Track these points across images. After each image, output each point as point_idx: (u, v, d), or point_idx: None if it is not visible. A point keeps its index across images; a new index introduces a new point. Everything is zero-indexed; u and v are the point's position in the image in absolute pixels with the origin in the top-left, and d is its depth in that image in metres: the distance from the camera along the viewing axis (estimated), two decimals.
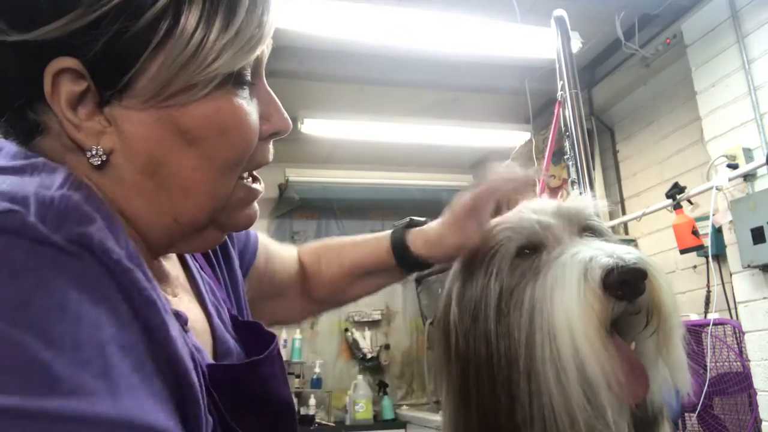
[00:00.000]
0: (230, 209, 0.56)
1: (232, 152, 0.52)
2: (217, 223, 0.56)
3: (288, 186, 4.61)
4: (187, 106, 0.49)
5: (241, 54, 0.50)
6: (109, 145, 0.49)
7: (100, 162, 0.49)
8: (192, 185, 0.51)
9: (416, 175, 4.93)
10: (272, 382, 0.60)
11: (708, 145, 2.74)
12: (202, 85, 0.49)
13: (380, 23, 2.56)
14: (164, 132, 0.49)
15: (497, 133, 3.96)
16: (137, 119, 0.49)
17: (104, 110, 0.49)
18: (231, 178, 0.54)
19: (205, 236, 0.57)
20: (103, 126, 0.49)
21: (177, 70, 0.47)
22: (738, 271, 2.53)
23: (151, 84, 0.48)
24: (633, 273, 0.56)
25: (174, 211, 0.52)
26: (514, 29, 2.66)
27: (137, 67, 0.47)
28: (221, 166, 0.52)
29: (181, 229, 0.53)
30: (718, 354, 2.58)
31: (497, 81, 3.64)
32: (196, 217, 0.53)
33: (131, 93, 0.48)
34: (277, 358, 0.63)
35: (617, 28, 2.98)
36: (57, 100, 0.47)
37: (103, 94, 0.48)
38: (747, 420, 2.48)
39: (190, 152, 0.50)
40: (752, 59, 2.54)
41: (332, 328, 4.87)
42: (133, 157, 0.50)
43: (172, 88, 0.48)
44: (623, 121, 3.77)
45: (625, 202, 3.74)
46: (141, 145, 0.49)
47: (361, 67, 3.37)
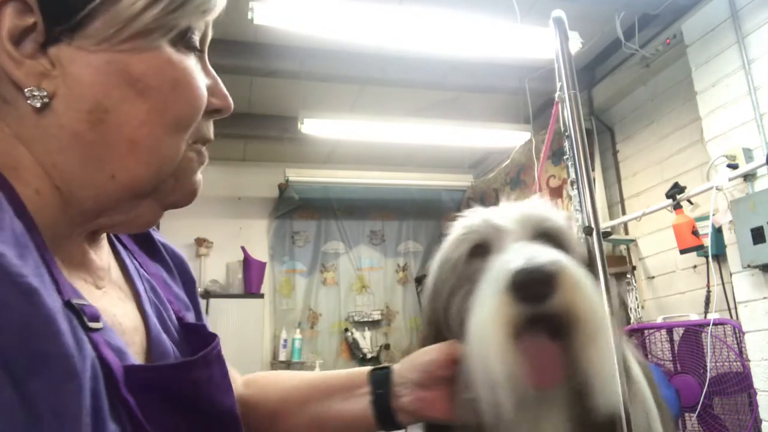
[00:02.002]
0: (174, 177, 0.52)
1: (182, 109, 0.50)
2: (158, 194, 0.51)
3: (288, 186, 4.62)
4: (141, 53, 0.47)
5: (197, 12, 0.50)
6: (51, 88, 0.45)
7: (41, 104, 0.45)
8: (139, 138, 0.47)
9: (416, 175, 4.93)
10: (208, 387, 0.55)
11: (708, 145, 2.74)
12: (160, 33, 0.47)
13: (380, 23, 2.56)
14: (115, 78, 0.46)
15: (497, 133, 3.96)
16: (86, 62, 0.45)
17: (48, 51, 0.45)
18: (179, 140, 0.50)
19: (141, 210, 0.52)
20: (46, 68, 0.45)
21: (138, 12, 0.46)
22: (738, 271, 2.53)
23: (109, 24, 0.45)
24: (533, 276, 0.58)
25: (115, 166, 0.47)
26: (514, 29, 2.66)
27: (95, 4, 0.44)
28: (170, 123, 0.49)
29: (117, 190, 0.48)
30: (718, 354, 2.58)
31: (497, 81, 3.64)
32: (140, 175, 0.49)
33: (84, 33, 0.45)
34: (216, 361, 0.58)
35: (617, 28, 2.98)
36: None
37: (51, 32, 0.44)
38: (747, 420, 2.48)
39: (140, 103, 0.47)
40: (752, 59, 2.54)
41: (332, 328, 4.87)
42: (77, 103, 0.46)
43: (129, 31, 0.46)
44: (623, 121, 3.77)
45: (625, 202, 3.74)
46: (88, 90, 0.46)
47: (361, 67, 3.37)
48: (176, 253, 0.72)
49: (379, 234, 5.21)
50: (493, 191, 4.89)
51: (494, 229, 0.70)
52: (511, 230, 0.69)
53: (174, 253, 0.71)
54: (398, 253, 5.20)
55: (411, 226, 5.26)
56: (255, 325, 4.40)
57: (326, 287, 4.97)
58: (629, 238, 3.61)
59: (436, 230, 5.31)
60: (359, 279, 5.04)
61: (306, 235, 5.02)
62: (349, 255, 5.08)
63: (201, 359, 0.55)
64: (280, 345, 4.52)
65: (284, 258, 4.91)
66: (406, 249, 5.22)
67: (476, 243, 0.71)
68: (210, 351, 0.56)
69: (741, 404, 2.55)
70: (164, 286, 0.65)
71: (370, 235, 5.19)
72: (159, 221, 0.57)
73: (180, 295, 0.68)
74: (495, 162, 4.79)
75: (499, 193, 4.82)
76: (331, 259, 5.04)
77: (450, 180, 5.14)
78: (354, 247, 5.10)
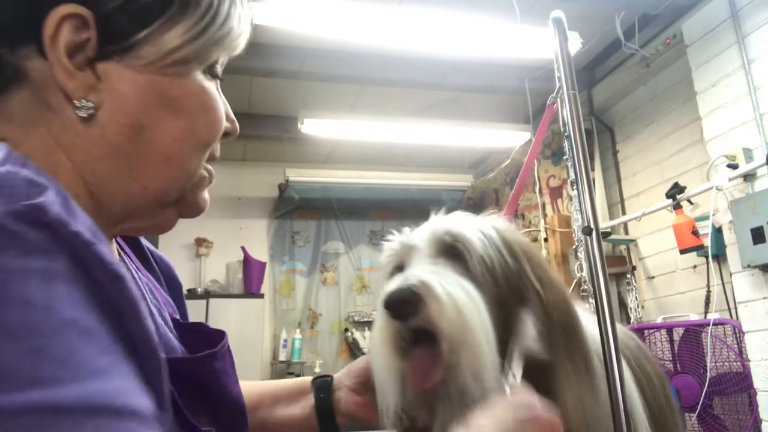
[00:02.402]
0: (194, 189, 0.57)
1: (208, 132, 0.55)
2: (180, 203, 0.56)
3: (288, 186, 4.61)
4: (179, 78, 0.52)
5: (229, 48, 0.56)
6: (98, 100, 0.49)
7: (87, 115, 0.48)
8: (172, 154, 0.52)
9: (416, 175, 4.93)
10: (223, 377, 0.59)
11: (708, 145, 2.74)
12: (197, 63, 0.53)
13: (380, 23, 2.56)
14: (155, 97, 0.51)
15: (497, 133, 3.96)
16: (132, 80, 0.50)
17: (96, 66, 0.49)
18: (201, 158, 0.56)
19: (164, 215, 0.57)
20: (93, 81, 0.49)
21: (182, 44, 0.51)
22: (738, 271, 2.53)
23: (157, 50, 0.50)
24: (399, 297, 0.67)
25: (148, 178, 0.52)
26: (514, 29, 2.66)
27: (148, 32, 0.49)
28: (198, 142, 0.54)
29: (146, 199, 0.53)
30: (718, 354, 2.58)
31: (497, 81, 3.64)
32: (169, 187, 0.53)
33: (134, 54, 0.50)
34: (228, 354, 0.62)
35: (617, 28, 2.98)
36: (56, 44, 0.46)
37: (103, 49, 0.48)
38: (747, 420, 2.48)
39: (175, 122, 0.52)
40: (752, 59, 2.54)
41: (332, 328, 4.87)
42: (119, 117, 0.50)
43: (173, 58, 0.51)
44: (623, 121, 3.77)
45: (625, 202, 3.74)
46: (131, 106, 0.50)
47: (361, 67, 3.37)
48: (163, 259, 0.75)
49: (379, 234, 5.21)
50: (493, 191, 4.89)
51: (407, 249, 0.80)
52: (418, 247, 0.78)
53: (161, 259, 0.74)
54: None
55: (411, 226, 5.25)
56: (255, 325, 4.40)
57: (326, 287, 4.97)
58: (629, 238, 3.61)
59: None
60: (359, 279, 5.04)
61: (306, 235, 5.02)
62: (349, 255, 5.08)
63: (219, 351, 0.59)
64: (280, 345, 4.52)
65: (284, 258, 4.91)
66: None
67: (395, 264, 0.81)
68: (225, 344, 0.61)
69: (741, 404, 2.55)
70: (156, 290, 0.68)
71: (370, 235, 5.19)
72: None
73: (169, 301, 0.70)
74: (495, 162, 4.79)
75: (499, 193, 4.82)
76: (331, 259, 5.04)
77: (450, 180, 5.14)
78: (354, 247, 5.10)
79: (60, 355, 0.34)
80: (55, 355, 0.34)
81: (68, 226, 0.39)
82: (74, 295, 0.37)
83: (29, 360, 0.33)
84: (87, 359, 0.35)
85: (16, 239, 0.36)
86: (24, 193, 0.39)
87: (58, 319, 0.35)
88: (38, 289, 0.35)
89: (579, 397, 0.69)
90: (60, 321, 0.35)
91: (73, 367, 0.34)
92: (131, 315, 0.41)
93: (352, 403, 0.81)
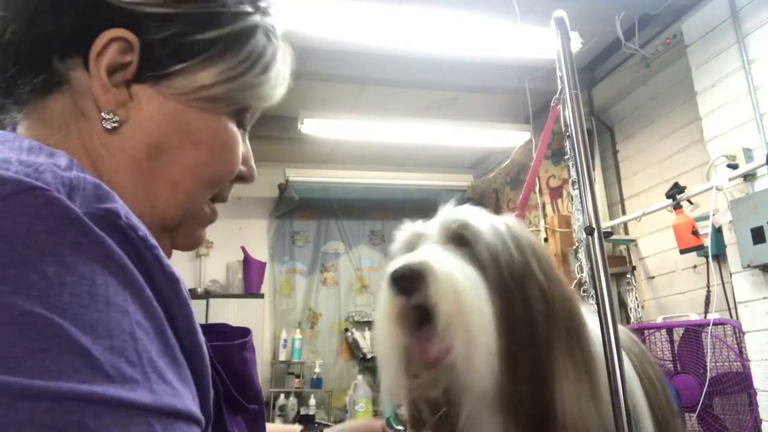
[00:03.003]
0: (191, 223, 0.59)
1: (220, 169, 0.58)
2: (176, 233, 0.59)
3: (288, 186, 4.62)
4: (206, 114, 0.55)
5: (263, 97, 0.60)
6: (124, 116, 0.53)
7: (111, 127, 0.52)
8: (182, 181, 0.55)
9: (416, 175, 4.93)
10: (252, 369, 0.62)
11: (708, 145, 2.74)
12: (226, 104, 0.56)
13: (380, 23, 2.56)
14: (178, 125, 0.54)
15: (497, 133, 3.96)
16: (160, 105, 0.53)
17: (131, 87, 0.53)
18: (208, 193, 0.58)
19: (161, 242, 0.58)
20: (125, 98, 0.53)
21: (215, 83, 0.55)
22: (738, 271, 2.53)
23: (189, 84, 0.54)
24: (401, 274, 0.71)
25: (157, 198, 0.55)
26: (514, 29, 2.66)
27: (185, 66, 0.53)
28: (209, 177, 0.57)
29: (152, 219, 0.55)
30: (718, 354, 2.58)
31: (497, 81, 3.64)
32: (173, 213, 0.56)
33: (168, 83, 0.53)
34: (253, 348, 0.65)
35: (617, 28, 2.98)
36: (100, 61, 0.50)
37: (141, 73, 0.52)
38: (747, 420, 2.48)
39: (191, 152, 0.55)
40: (752, 59, 2.55)
41: (332, 328, 4.87)
42: (141, 134, 0.53)
43: (203, 94, 0.54)
44: (623, 121, 3.77)
45: (625, 202, 3.74)
46: (154, 127, 0.53)
47: (361, 67, 3.37)
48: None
49: (379, 234, 5.21)
50: (493, 191, 4.89)
51: (417, 236, 0.84)
52: (428, 235, 0.82)
53: None
54: None
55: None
56: (255, 325, 4.40)
57: (326, 287, 4.97)
58: (629, 238, 3.61)
59: None
60: (359, 279, 5.04)
61: (306, 235, 5.02)
62: (349, 255, 5.08)
63: (248, 342, 0.62)
64: (280, 345, 4.52)
65: (284, 258, 4.91)
66: None
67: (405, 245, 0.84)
68: (251, 337, 0.64)
69: (741, 404, 2.55)
70: None
71: (370, 235, 5.19)
72: None
73: None
74: (495, 162, 4.79)
75: (499, 193, 4.82)
76: (331, 259, 5.04)
77: (450, 180, 5.14)
78: (354, 247, 5.10)
79: (133, 356, 0.37)
80: (130, 356, 0.36)
81: (137, 230, 0.42)
82: (142, 297, 0.40)
83: (111, 357, 0.35)
84: (152, 361, 0.38)
85: (97, 240, 0.39)
86: (95, 196, 0.42)
87: (132, 320, 0.38)
88: (116, 291, 0.38)
89: (576, 397, 0.69)
90: (134, 322, 0.38)
91: (142, 367, 0.37)
92: (184, 315, 0.43)
93: None
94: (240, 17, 0.56)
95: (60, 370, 0.33)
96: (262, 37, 0.58)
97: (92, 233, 0.39)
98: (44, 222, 0.37)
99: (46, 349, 0.33)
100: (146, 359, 0.37)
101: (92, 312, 0.36)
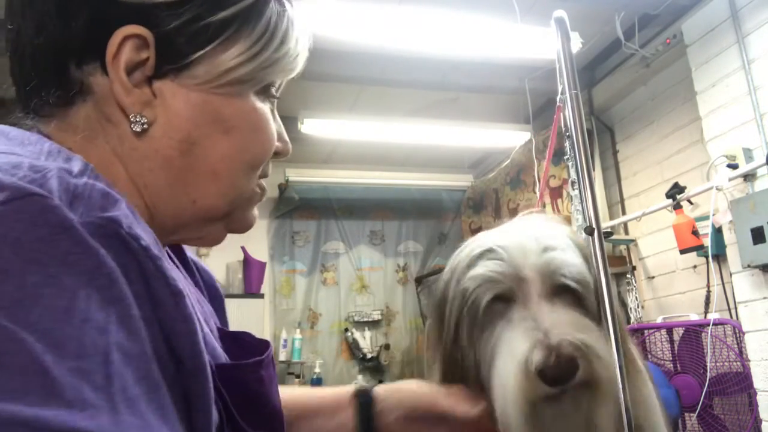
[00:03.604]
0: (241, 208, 0.58)
1: (258, 150, 0.57)
2: (228, 218, 0.58)
3: (288, 186, 4.62)
4: (231, 98, 0.54)
5: (286, 70, 0.58)
6: (151, 116, 0.51)
7: (141, 129, 0.51)
8: (220, 171, 0.54)
9: (416, 175, 4.93)
10: (269, 386, 0.60)
11: (708, 145, 2.74)
12: (251, 85, 0.55)
13: (380, 23, 2.56)
14: (206, 115, 0.53)
15: (497, 133, 3.96)
16: (185, 98, 0.52)
17: (153, 84, 0.51)
18: (251, 176, 0.57)
19: (211, 230, 0.59)
20: (149, 97, 0.51)
21: (237, 65, 0.53)
22: (738, 271, 2.53)
23: (211, 70, 0.52)
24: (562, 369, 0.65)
25: (196, 192, 0.54)
26: (514, 29, 2.66)
27: (204, 52, 0.51)
28: (247, 161, 0.56)
29: (195, 213, 0.55)
30: (718, 354, 2.58)
31: (497, 81, 3.64)
32: (217, 203, 0.55)
33: (188, 74, 0.51)
34: (272, 364, 0.63)
35: (617, 28, 2.98)
36: (117, 62, 0.49)
37: (161, 68, 0.51)
38: (747, 420, 2.48)
39: (224, 140, 0.54)
40: (752, 59, 2.55)
41: (332, 328, 4.87)
42: (171, 132, 0.52)
43: (227, 79, 0.53)
44: (623, 121, 3.77)
45: (625, 202, 3.74)
46: (183, 122, 0.52)
47: (361, 67, 3.37)
48: (206, 269, 0.77)
49: (379, 234, 5.21)
50: (493, 191, 4.89)
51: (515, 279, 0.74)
52: (529, 282, 0.73)
53: (204, 269, 0.76)
54: (398, 253, 5.19)
55: (411, 226, 5.26)
56: (255, 325, 4.40)
57: (326, 287, 4.97)
58: (629, 238, 3.61)
59: (436, 230, 5.31)
60: (359, 279, 5.04)
61: (306, 235, 5.02)
62: (349, 255, 5.08)
63: (265, 360, 0.60)
64: (280, 345, 4.52)
65: (284, 258, 4.91)
66: (406, 249, 5.22)
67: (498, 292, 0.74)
68: (270, 353, 0.62)
69: (741, 404, 2.55)
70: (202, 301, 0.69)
71: (370, 235, 5.19)
72: None
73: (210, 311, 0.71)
74: (495, 162, 4.79)
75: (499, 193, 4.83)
76: (331, 259, 5.04)
77: (450, 180, 5.14)
78: (354, 247, 5.10)
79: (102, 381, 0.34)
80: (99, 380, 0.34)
81: (139, 240, 0.41)
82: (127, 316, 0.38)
83: (74, 380, 0.33)
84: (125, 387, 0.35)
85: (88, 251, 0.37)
86: (99, 204, 0.41)
87: (110, 340, 0.36)
88: (99, 307, 0.36)
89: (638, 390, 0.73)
90: (111, 343, 0.36)
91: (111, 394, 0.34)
92: (185, 332, 0.42)
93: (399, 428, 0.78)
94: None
95: (10, 389, 0.31)
96: (275, 5, 0.56)
97: (85, 244, 0.37)
98: (38, 230, 0.36)
99: (0, 364, 0.31)
100: (117, 385, 0.34)
101: (64, 328, 0.34)
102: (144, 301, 0.39)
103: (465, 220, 5.27)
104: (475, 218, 5.16)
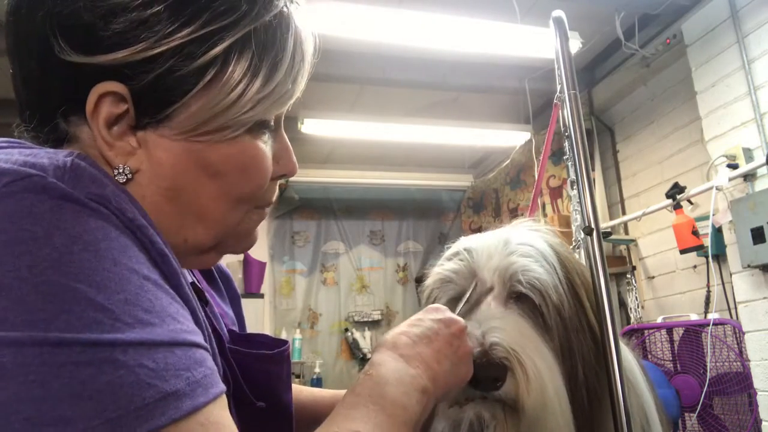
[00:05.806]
0: (235, 237, 0.60)
1: (247, 188, 0.57)
2: (219, 248, 0.60)
3: (288, 186, 4.61)
4: (216, 144, 0.53)
5: (275, 106, 0.57)
6: (136, 165, 0.52)
7: (125, 179, 0.52)
8: (207, 213, 0.55)
9: (416, 175, 4.93)
10: (277, 382, 0.63)
11: (708, 145, 2.74)
12: (234, 128, 0.54)
13: (380, 23, 2.56)
14: (190, 163, 0.53)
15: (497, 133, 3.96)
16: (168, 147, 0.52)
17: (137, 133, 0.52)
18: (241, 210, 0.58)
19: (204, 258, 0.60)
20: (133, 147, 0.52)
21: (216, 113, 0.52)
22: (738, 271, 2.53)
23: (189, 120, 0.52)
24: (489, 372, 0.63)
25: (185, 232, 0.56)
26: (514, 29, 2.66)
27: (180, 104, 0.51)
28: (235, 199, 0.56)
29: (187, 249, 0.57)
30: (718, 354, 2.58)
31: (497, 81, 3.64)
32: (203, 241, 0.57)
33: (168, 124, 0.52)
34: (286, 362, 0.65)
35: (617, 28, 2.98)
36: (96, 118, 0.50)
37: (141, 120, 0.52)
38: (747, 420, 2.47)
39: (210, 184, 0.54)
40: (752, 59, 2.54)
41: (332, 328, 4.87)
42: (157, 180, 0.53)
43: (207, 127, 0.52)
44: (623, 121, 3.77)
45: (625, 202, 3.74)
46: (167, 171, 0.53)
47: (361, 67, 3.37)
48: (224, 270, 0.78)
49: (379, 234, 5.21)
50: (493, 191, 4.89)
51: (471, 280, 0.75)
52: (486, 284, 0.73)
53: (222, 270, 0.78)
54: (398, 253, 5.19)
55: (411, 226, 5.26)
56: (255, 325, 4.40)
57: (326, 287, 4.97)
58: (629, 238, 3.60)
59: (436, 230, 5.31)
60: (359, 279, 5.04)
61: (306, 235, 5.02)
62: (349, 255, 5.08)
63: (278, 355, 0.63)
64: None
65: (284, 258, 4.91)
66: (406, 249, 5.22)
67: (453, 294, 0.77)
68: (284, 350, 0.65)
69: (741, 404, 2.55)
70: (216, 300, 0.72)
71: (370, 235, 5.19)
72: None
73: (228, 311, 0.73)
74: (495, 162, 4.79)
75: (499, 194, 4.82)
76: (331, 259, 5.04)
77: (450, 180, 5.14)
78: (354, 247, 5.10)
79: (147, 304, 0.42)
80: (144, 304, 0.42)
81: (125, 212, 0.46)
82: (142, 258, 0.46)
83: (126, 307, 0.41)
84: (164, 306, 0.44)
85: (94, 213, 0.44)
86: (87, 183, 0.46)
87: (139, 275, 0.44)
88: (120, 253, 0.43)
89: None
90: (141, 277, 0.44)
91: (156, 312, 0.43)
92: (176, 284, 0.48)
93: None
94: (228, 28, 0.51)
95: (85, 325, 0.39)
96: (262, 35, 0.53)
97: (89, 207, 0.44)
98: (45, 202, 0.42)
99: (68, 310, 0.39)
100: (158, 306, 0.43)
101: (103, 273, 0.41)
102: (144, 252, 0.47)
103: (465, 220, 5.28)
104: (475, 218, 5.16)
